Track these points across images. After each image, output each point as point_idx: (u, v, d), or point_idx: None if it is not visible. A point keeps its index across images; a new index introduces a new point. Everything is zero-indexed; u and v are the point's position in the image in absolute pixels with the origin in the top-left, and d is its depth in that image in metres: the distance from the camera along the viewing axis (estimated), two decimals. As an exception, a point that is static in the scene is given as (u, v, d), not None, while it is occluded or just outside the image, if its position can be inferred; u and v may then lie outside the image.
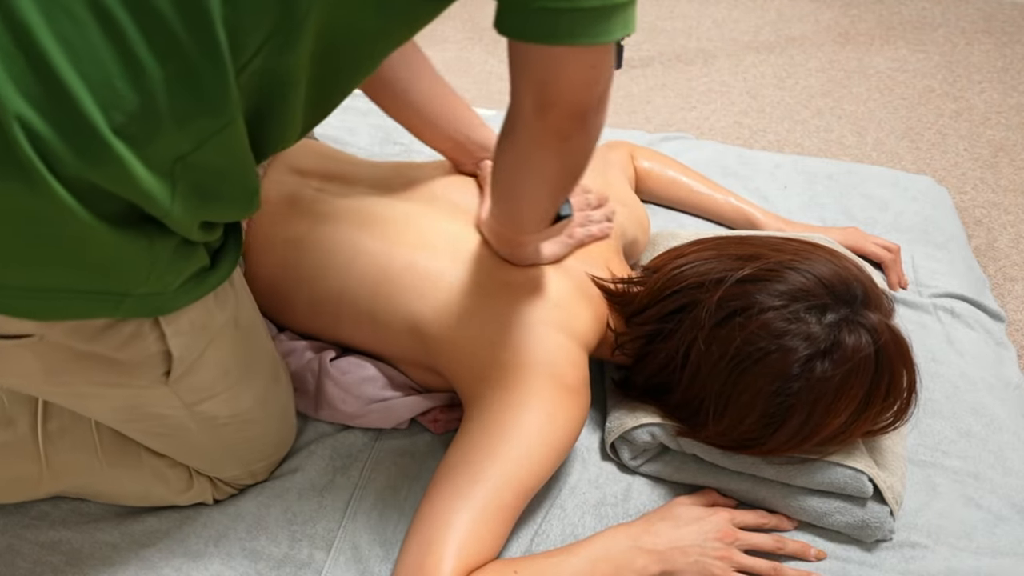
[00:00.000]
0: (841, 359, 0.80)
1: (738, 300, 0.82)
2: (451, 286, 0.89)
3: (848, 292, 0.82)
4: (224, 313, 0.75)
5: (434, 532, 0.76)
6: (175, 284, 0.66)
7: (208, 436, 0.82)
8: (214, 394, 0.78)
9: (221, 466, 0.88)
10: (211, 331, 0.73)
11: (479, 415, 0.84)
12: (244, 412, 0.83)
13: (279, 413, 0.90)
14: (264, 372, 0.85)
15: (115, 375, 0.70)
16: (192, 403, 0.77)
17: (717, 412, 0.84)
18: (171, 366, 0.71)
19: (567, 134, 0.67)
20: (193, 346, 0.72)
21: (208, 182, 0.62)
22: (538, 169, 0.72)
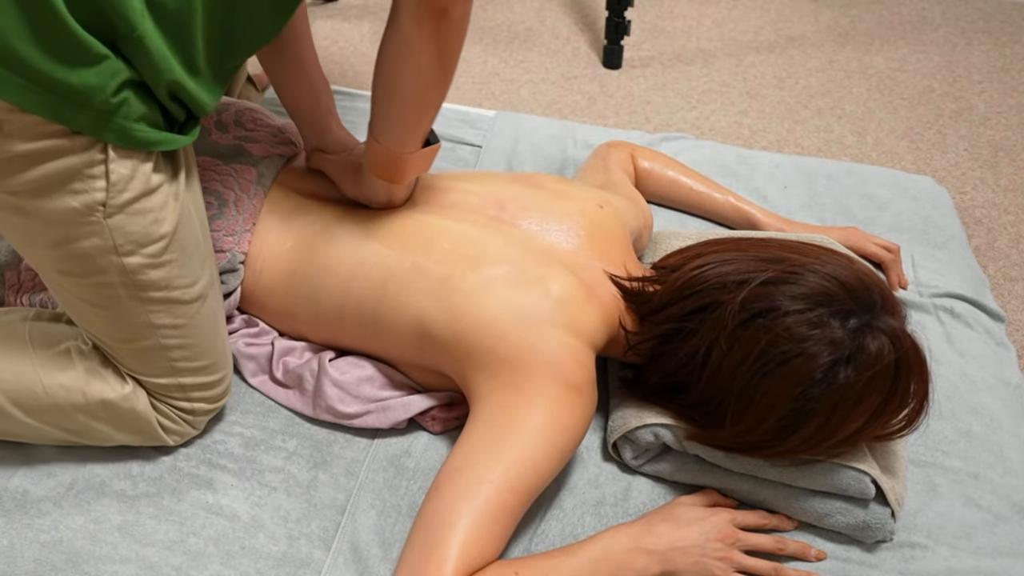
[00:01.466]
0: (864, 365, 0.79)
1: (761, 302, 0.82)
2: (456, 288, 0.89)
3: (869, 297, 0.82)
4: (159, 176, 0.80)
5: (437, 533, 0.76)
6: (125, 112, 0.74)
7: (136, 309, 0.84)
8: (144, 250, 0.81)
9: (147, 361, 0.89)
10: (147, 184, 0.78)
11: (484, 414, 0.84)
12: (174, 287, 0.85)
13: (208, 317, 0.91)
14: (197, 264, 0.87)
15: (56, 186, 0.74)
16: (123, 250, 0.80)
17: (736, 414, 0.84)
18: (108, 195, 0.76)
19: (444, 8, 0.77)
20: (128, 184, 0.77)
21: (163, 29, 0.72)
22: (420, 54, 0.81)
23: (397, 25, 0.81)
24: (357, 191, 1.00)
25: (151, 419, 0.92)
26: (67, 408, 0.89)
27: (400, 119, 0.89)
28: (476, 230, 0.95)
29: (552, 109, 2.01)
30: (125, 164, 0.76)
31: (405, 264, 0.92)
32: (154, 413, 0.92)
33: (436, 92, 0.86)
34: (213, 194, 1.00)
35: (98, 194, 0.75)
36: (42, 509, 0.90)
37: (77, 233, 0.77)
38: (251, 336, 1.04)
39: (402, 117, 0.88)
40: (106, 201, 0.76)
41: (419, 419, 0.98)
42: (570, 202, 0.99)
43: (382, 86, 0.87)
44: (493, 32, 2.31)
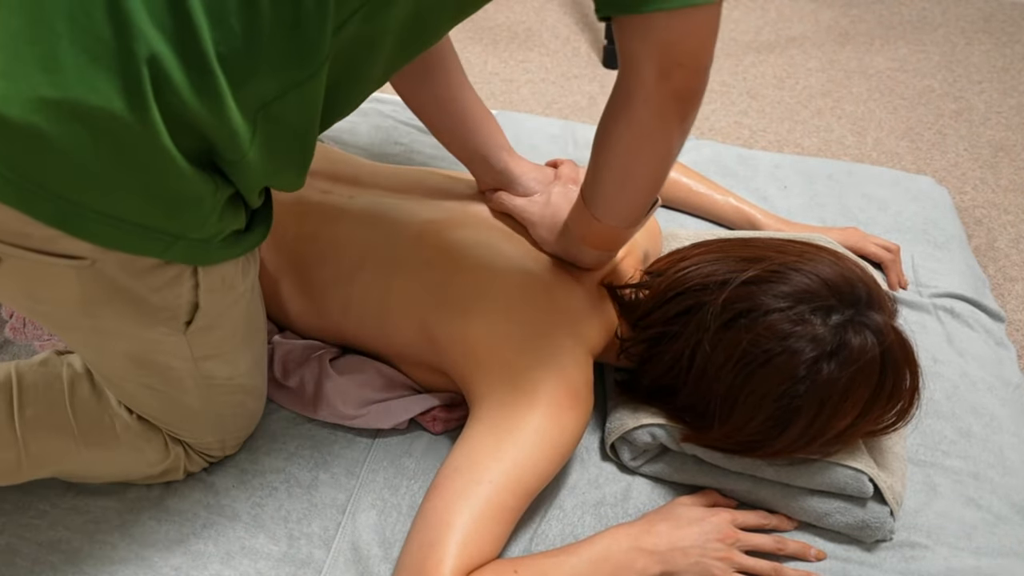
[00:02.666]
0: (847, 360, 0.80)
1: (743, 302, 0.82)
2: (461, 287, 0.89)
3: (853, 293, 0.82)
4: (247, 280, 0.78)
5: (435, 532, 0.76)
6: (220, 236, 0.71)
7: (199, 395, 0.84)
8: (221, 352, 0.80)
9: (201, 429, 0.89)
10: (235, 293, 0.77)
11: (484, 415, 0.84)
12: (239, 376, 0.85)
13: (262, 383, 0.92)
14: (260, 339, 0.88)
15: (143, 316, 0.72)
16: (200, 357, 0.79)
17: (723, 414, 0.84)
18: (194, 316, 0.74)
19: (691, 94, 0.71)
20: (219, 302, 0.75)
21: (280, 135, 0.67)
22: (660, 143, 0.75)
23: (633, 115, 0.73)
24: (560, 250, 0.94)
25: (179, 472, 0.92)
26: (101, 475, 0.90)
27: (633, 202, 0.83)
28: (483, 233, 0.95)
29: (552, 109, 2.01)
30: (214, 284, 0.73)
31: (411, 261, 0.92)
32: (183, 465, 0.92)
33: (667, 172, 0.81)
34: None
35: (184, 317, 0.74)
36: (41, 510, 0.90)
37: (157, 348, 0.76)
38: (251, 336, 1.04)
39: (633, 200, 0.83)
40: (192, 320, 0.75)
41: (420, 419, 0.98)
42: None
43: (614, 173, 0.80)
44: (493, 32, 2.31)
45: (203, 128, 0.61)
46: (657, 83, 0.69)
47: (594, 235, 0.88)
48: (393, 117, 1.50)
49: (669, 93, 0.70)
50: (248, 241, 0.75)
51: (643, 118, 0.73)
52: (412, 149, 1.44)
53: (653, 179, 0.81)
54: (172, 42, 0.57)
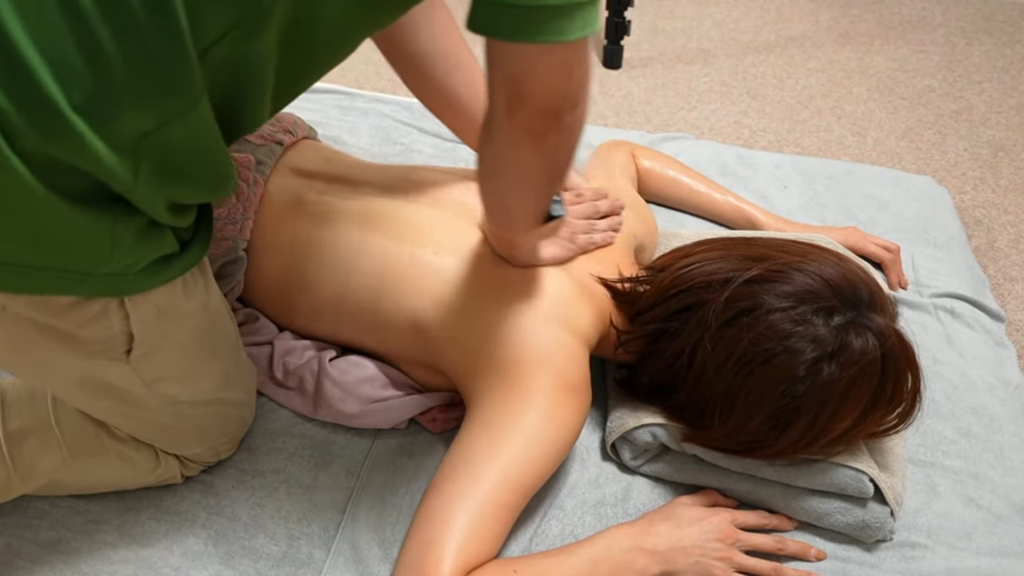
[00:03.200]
0: (848, 362, 0.79)
1: (745, 301, 0.82)
2: (453, 282, 0.89)
3: (855, 295, 0.82)
4: (192, 301, 0.76)
5: (434, 532, 0.76)
6: (139, 266, 0.67)
7: (169, 414, 0.83)
8: (173, 375, 0.78)
9: (184, 444, 0.88)
10: (177, 316, 0.74)
11: (480, 413, 0.84)
12: (205, 393, 0.83)
13: (240, 393, 0.91)
14: (226, 355, 0.85)
15: (76, 350, 0.70)
16: (151, 382, 0.77)
17: (723, 413, 0.84)
18: (132, 346, 0.72)
19: (541, 131, 0.67)
20: (157, 329, 0.73)
21: (174, 160, 0.63)
22: (516, 168, 0.73)
23: (490, 142, 0.71)
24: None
25: (176, 478, 0.92)
26: (93, 486, 0.90)
27: (509, 219, 0.82)
28: (472, 228, 0.95)
29: (552, 109, 2.01)
30: (145, 312, 0.70)
31: (403, 255, 0.92)
32: (179, 471, 0.92)
33: (548, 193, 0.79)
34: None
35: (121, 347, 0.72)
36: (41, 509, 0.90)
37: (102, 376, 0.75)
38: (251, 335, 1.03)
39: (511, 217, 0.82)
40: (131, 349, 0.72)
41: (419, 419, 0.98)
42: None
43: (484, 191, 0.79)
44: (493, 32, 2.30)
45: (78, 167, 0.58)
46: (506, 114, 0.66)
47: (494, 239, 0.89)
48: (393, 117, 1.50)
49: (518, 126, 0.67)
50: (181, 264, 0.72)
51: (498, 142, 0.70)
52: (412, 149, 1.44)
53: (522, 196, 0.77)
54: (12, 95, 0.53)
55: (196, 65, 0.58)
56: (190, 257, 0.73)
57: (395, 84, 2.08)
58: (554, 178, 0.76)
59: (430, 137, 1.46)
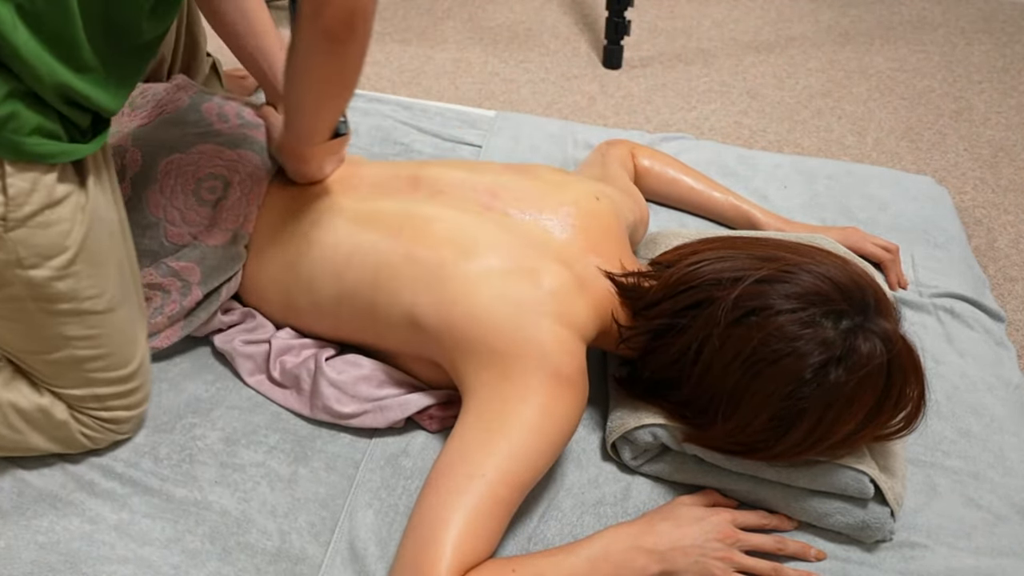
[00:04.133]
0: (855, 366, 0.79)
1: (755, 300, 0.82)
2: (448, 277, 0.89)
3: (863, 299, 0.82)
4: (65, 187, 0.79)
5: (431, 530, 0.76)
6: (14, 125, 0.73)
7: (46, 322, 0.83)
8: (50, 263, 0.80)
9: (60, 373, 0.88)
10: (50, 196, 0.77)
11: (475, 407, 0.84)
12: (83, 300, 0.84)
13: (123, 327, 0.90)
14: (110, 275, 0.86)
15: None
16: (28, 264, 0.78)
17: (726, 412, 0.84)
18: (7, 210, 0.75)
19: (337, 36, 0.78)
20: (29, 197, 0.76)
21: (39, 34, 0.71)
22: (315, 72, 0.83)
23: (295, 44, 0.82)
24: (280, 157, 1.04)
25: (71, 429, 0.91)
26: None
27: (303, 123, 0.93)
28: (469, 218, 0.95)
29: (552, 109, 2.01)
30: (24, 177, 0.75)
31: (398, 251, 0.93)
32: (75, 424, 0.91)
33: (337, 101, 0.89)
34: (218, 178, 1.01)
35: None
36: (39, 511, 0.90)
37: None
38: (248, 333, 1.04)
39: (305, 121, 0.93)
40: (6, 215, 0.75)
41: (416, 418, 0.98)
42: (565, 193, 0.99)
43: (286, 92, 0.90)
44: (493, 32, 2.31)
45: None
46: (310, 19, 0.77)
47: (286, 147, 0.99)
48: (393, 117, 1.50)
49: (318, 30, 0.78)
50: (61, 149, 0.77)
51: (301, 47, 0.81)
52: (412, 149, 1.44)
53: (319, 104, 0.88)
54: None
55: None
56: (73, 149, 0.78)
57: (395, 84, 2.08)
58: (345, 88, 0.87)
59: (430, 137, 1.46)
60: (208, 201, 1.00)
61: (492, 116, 1.53)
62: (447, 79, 2.12)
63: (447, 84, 2.10)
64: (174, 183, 1.00)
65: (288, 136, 0.97)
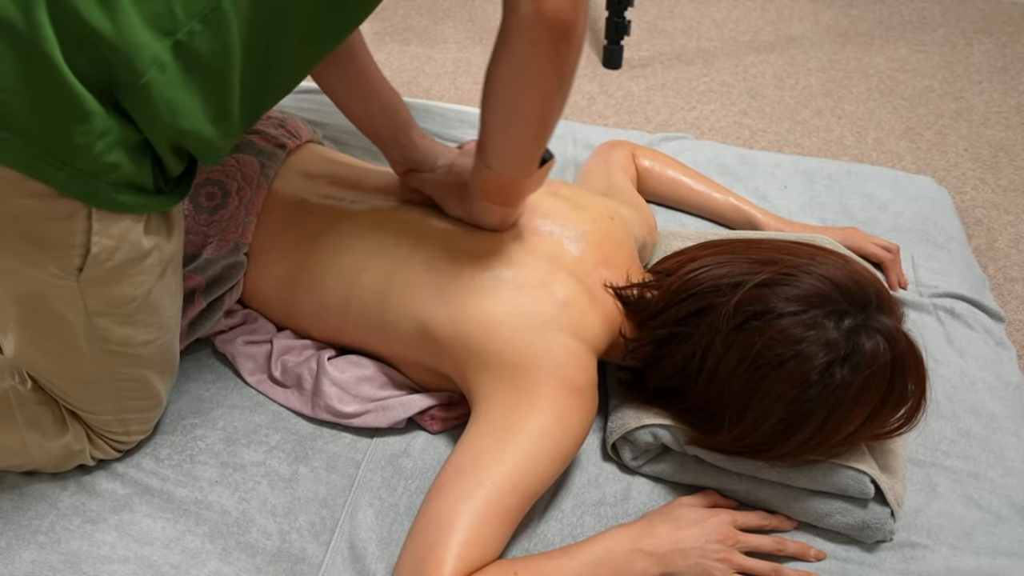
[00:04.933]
0: (860, 365, 0.79)
1: (756, 305, 0.82)
2: (461, 288, 0.89)
3: (864, 297, 0.82)
4: (155, 250, 0.77)
5: (437, 533, 0.76)
6: (114, 177, 0.69)
7: (94, 361, 0.82)
8: (116, 311, 0.79)
9: (97, 401, 0.88)
10: (134, 251, 0.75)
11: (486, 415, 0.84)
12: (137, 344, 0.83)
13: (166, 364, 0.90)
14: (165, 316, 0.85)
15: (33, 248, 0.71)
16: (94, 311, 0.77)
17: (734, 417, 0.84)
18: (85, 262, 0.73)
19: (564, 25, 0.71)
20: (113, 254, 0.74)
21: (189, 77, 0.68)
22: (537, 78, 0.76)
23: (510, 52, 0.75)
24: (464, 213, 0.96)
25: (85, 455, 0.91)
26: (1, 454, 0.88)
27: (518, 147, 0.84)
28: (479, 234, 0.95)
29: (552, 109, 2.01)
30: (110, 232, 0.72)
31: (413, 260, 0.92)
32: (88, 449, 0.91)
33: (556, 115, 0.82)
34: (216, 184, 1.00)
35: (76, 260, 0.72)
36: (39, 511, 0.90)
37: (48, 293, 0.75)
38: (250, 334, 1.04)
39: (520, 145, 0.83)
40: (83, 267, 0.73)
41: (418, 419, 0.98)
42: (584, 212, 0.99)
43: (496, 116, 0.81)
44: (493, 32, 2.30)
45: (100, 45, 0.62)
46: (530, 12, 0.71)
47: (490, 188, 0.89)
48: (393, 117, 1.50)
49: (542, 23, 0.71)
50: (151, 202, 0.74)
51: (518, 52, 0.74)
52: (412, 149, 1.43)
53: (537, 120, 0.81)
54: None
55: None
56: (163, 201, 0.75)
57: (395, 84, 2.08)
58: (566, 93, 0.79)
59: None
60: (206, 208, 0.99)
61: (492, 116, 1.53)
62: (447, 79, 2.12)
63: (447, 84, 2.10)
64: None
65: (491, 175, 0.87)
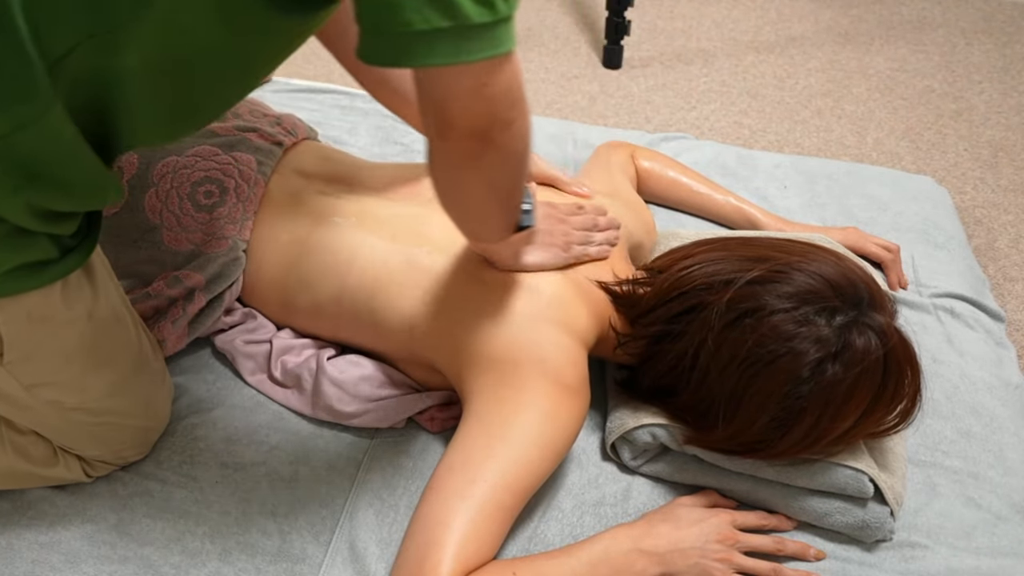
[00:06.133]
0: (852, 361, 0.79)
1: (748, 302, 0.82)
2: (449, 283, 0.89)
3: (855, 294, 0.82)
4: (72, 309, 0.74)
5: (433, 533, 0.76)
6: (2, 268, 0.66)
7: (58, 419, 0.81)
8: (55, 382, 0.77)
9: (83, 446, 0.87)
10: (54, 323, 0.72)
11: (477, 412, 0.84)
12: (93, 401, 0.82)
13: (139, 403, 0.89)
14: (121, 363, 0.83)
15: None
16: (31, 386, 0.76)
17: (727, 415, 0.84)
18: (2, 349, 0.71)
19: (475, 154, 0.66)
20: (30, 336, 0.71)
21: (33, 166, 0.62)
22: (462, 188, 0.71)
23: (431, 163, 0.70)
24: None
25: (80, 476, 0.91)
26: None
27: (473, 234, 0.82)
28: None
29: (552, 109, 2.01)
30: (16, 316, 0.69)
31: (398, 257, 0.92)
32: (86, 471, 0.91)
33: (503, 207, 0.76)
34: (214, 182, 1.00)
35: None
36: (41, 510, 0.90)
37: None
38: (249, 333, 1.04)
39: (474, 233, 0.81)
40: (2, 353, 0.71)
41: (417, 418, 0.98)
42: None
43: (446, 210, 0.76)
44: (493, 32, 2.30)
45: None
46: (438, 139, 0.66)
47: (473, 246, 0.89)
48: (393, 117, 1.50)
49: (451, 150, 0.66)
50: (56, 270, 0.70)
51: (438, 165, 0.70)
52: (412, 149, 1.44)
53: (480, 211, 0.75)
54: None
55: (45, 74, 0.58)
56: (67, 264, 0.71)
57: (395, 84, 2.08)
58: (504, 194, 0.74)
59: (430, 137, 1.46)
60: (205, 206, 0.99)
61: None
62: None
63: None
64: (170, 187, 0.99)
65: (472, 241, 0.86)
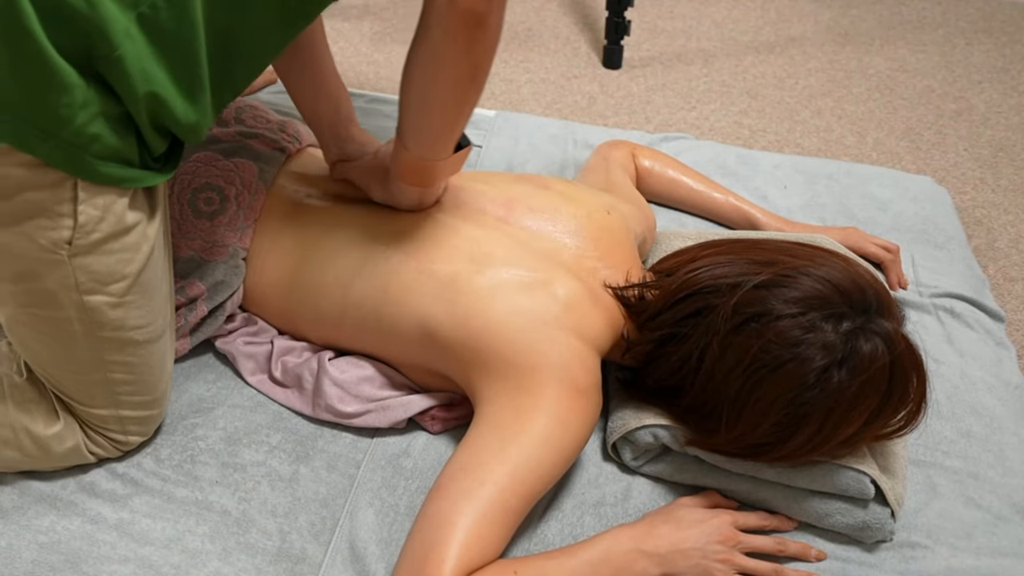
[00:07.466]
0: (858, 368, 0.79)
1: (754, 306, 0.82)
2: (464, 288, 0.89)
3: (863, 300, 0.82)
4: (134, 216, 0.78)
5: (437, 532, 0.76)
6: (96, 148, 0.71)
7: (88, 346, 0.83)
8: (106, 290, 0.79)
9: (90, 393, 0.88)
10: (118, 224, 0.77)
11: (490, 415, 0.84)
12: (129, 329, 0.84)
13: (159, 357, 0.90)
14: (156, 301, 0.86)
15: (23, 218, 0.73)
16: (85, 290, 0.78)
17: (731, 419, 0.83)
18: (74, 235, 0.74)
19: (477, 18, 0.74)
20: (99, 225, 0.75)
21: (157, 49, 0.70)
22: (451, 67, 0.79)
23: (427, 37, 0.78)
24: (386, 195, 0.98)
25: (81, 450, 0.91)
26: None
27: (432, 129, 0.86)
28: (482, 231, 0.95)
29: (552, 109, 2.01)
30: (96, 203, 0.74)
31: (409, 264, 0.92)
32: (84, 445, 0.91)
33: (469, 103, 0.84)
34: (214, 189, 1.00)
35: (64, 232, 0.73)
36: (40, 510, 0.90)
37: (39, 269, 0.76)
38: (250, 335, 1.04)
39: (434, 127, 0.86)
40: (72, 240, 0.74)
41: (418, 419, 0.98)
42: (577, 206, 0.99)
43: (412, 97, 0.84)
44: (493, 32, 2.30)
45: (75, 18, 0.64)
46: (445, 3, 0.74)
47: (407, 169, 0.91)
48: (394, 117, 1.50)
49: (456, 13, 0.74)
50: (135, 176, 0.75)
51: (434, 39, 0.77)
52: (412, 149, 1.43)
53: (451, 105, 0.83)
54: None
55: None
56: (146, 176, 0.77)
57: (395, 84, 2.08)
58: (480, 83, 0.82)
59: (430, 137, 1.46)
60: (205, 213, 0.99)
61: (492, 116, 1.53)
62: (447, 79, 2.12)
63: (447, 84, 2.10)
64: (170, 193, 0.99)
65: (408, 156, 0.90)
